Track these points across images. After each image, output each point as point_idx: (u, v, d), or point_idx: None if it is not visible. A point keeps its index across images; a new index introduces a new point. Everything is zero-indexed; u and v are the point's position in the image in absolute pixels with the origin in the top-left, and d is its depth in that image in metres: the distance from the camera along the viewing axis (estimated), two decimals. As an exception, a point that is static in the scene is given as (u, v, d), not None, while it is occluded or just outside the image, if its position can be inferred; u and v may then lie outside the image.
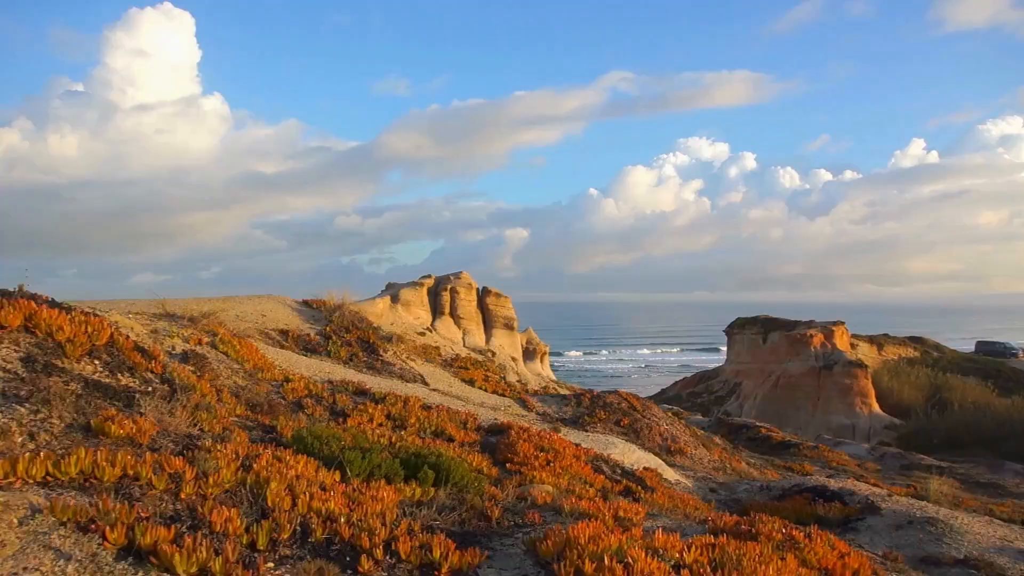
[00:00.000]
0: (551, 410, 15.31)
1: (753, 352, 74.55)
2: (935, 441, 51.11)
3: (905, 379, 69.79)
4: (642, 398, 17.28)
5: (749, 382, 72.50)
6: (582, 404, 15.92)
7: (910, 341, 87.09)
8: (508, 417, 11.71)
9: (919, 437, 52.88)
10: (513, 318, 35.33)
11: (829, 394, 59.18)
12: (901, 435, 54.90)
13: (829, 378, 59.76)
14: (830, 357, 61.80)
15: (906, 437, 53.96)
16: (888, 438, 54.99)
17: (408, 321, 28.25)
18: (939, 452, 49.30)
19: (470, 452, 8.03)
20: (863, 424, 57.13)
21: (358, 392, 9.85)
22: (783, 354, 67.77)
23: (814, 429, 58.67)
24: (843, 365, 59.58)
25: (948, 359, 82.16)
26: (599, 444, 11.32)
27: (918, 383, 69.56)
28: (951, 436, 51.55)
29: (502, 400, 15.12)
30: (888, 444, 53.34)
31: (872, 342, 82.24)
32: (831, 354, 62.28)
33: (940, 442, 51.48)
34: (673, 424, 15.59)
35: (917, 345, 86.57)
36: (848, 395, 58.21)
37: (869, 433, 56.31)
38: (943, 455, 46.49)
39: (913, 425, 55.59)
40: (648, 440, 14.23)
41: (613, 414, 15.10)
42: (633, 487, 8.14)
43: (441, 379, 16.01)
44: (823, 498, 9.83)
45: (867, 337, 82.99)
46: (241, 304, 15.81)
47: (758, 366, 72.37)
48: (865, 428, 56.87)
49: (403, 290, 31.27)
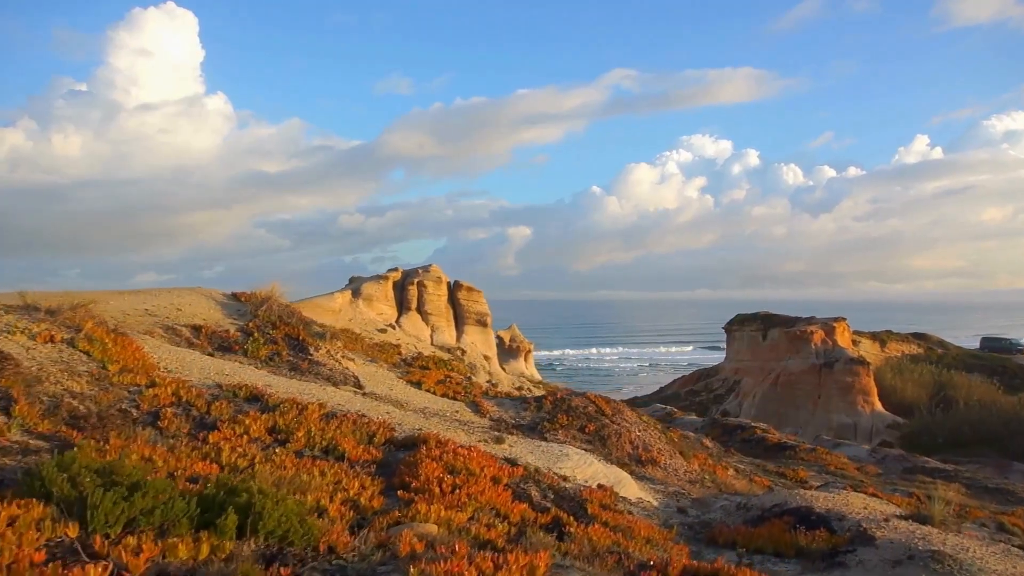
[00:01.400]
0: (507, 415, 13.70)
1: (753, 349, 72.87)
2: (940, 440, 49.42)
3: (908, 376, 68.21)
4: (614, 401, 15.65)
5: (749, 380, 70.81)
6: (543, 408, 14.26)
7: (913, 337, 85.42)
8: (445, 425, 10.13)
9: (923, 436, 51.17)
10: (486, 313, 33.53)
11: (830, 392, 57.41)
12: (904, 434, 53.18)
13: (830, 376, 57.98)
14: (831, 354, 60.02)
15: (909, 436, 52.24)
16: (891, 437, 53.27)
17: (369, 317, 26.61)
18: (944, 452, 47.65)
19: (356, 476, 6.43)
20: (865, 423, 55.37)
21: (251, 398, 8.27)
22: (783, 351, 66.03)
23: (814, 428, 56.97)
24: (844, 362, 57.81)
25: (952, 356, 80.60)
26: (549, 457, 9.72)
27: (922, 380, 68.02)
28: (956, 435, 49.85)
29: (451, 404, 13.51)
30: (890, 444, 51.69)
31: (875, 339, 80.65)
32: (832, 351, 60.51)
33: (945, 441, 49.78)
34: (647, 430, 13.96)
35: (921, 342, 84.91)
36: (849, 393, 56.44)
37: (871, 432, 54.57)
38: (948, 455, 44.82)
39: (917, 424, 53.84)
40: (617, 449, 12.62)
41: (577, 419, 13.47)
42: (564, 517, 6.51)
43: (382, 381, 14.41)
44: (806, 524, 8.19)
45: (869, 334, 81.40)
46: (156, 297, 14.23)
47: (758, 364, 70.69)
48: (867, 427, 55.11)
49: (365, 284, 29.50)
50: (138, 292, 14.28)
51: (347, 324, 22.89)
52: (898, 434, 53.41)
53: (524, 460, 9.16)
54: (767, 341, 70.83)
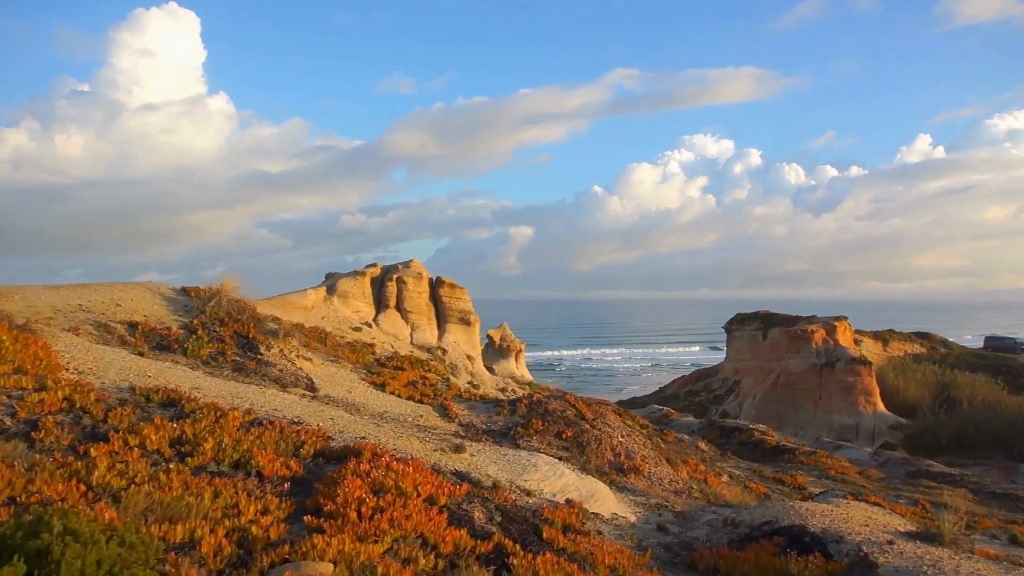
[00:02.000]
0: (478, 420, 12.66)
1: (753, 349, 71.77)
2: (943, 442, 48.30)
3: (911, 376, 67.13)
4: (597, 404, 14.57)
5: (748, 380, 69.71)
6: (517, 412, 13.18)
7: (916, 337, 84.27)
8: (400, 433, 9.10)
9: (926, 437, 50.07)
10: (469, 311, 32.32)
11: (831, 392, 56.28)
12: (907, 435, 52.07)
13: (831, 376, 56.85)
14: (832, 354, 58.89)
15: (912, 437, 51.13)
16: (893, 439, 52.15)
17: (344, 315, 25.54)
18: (948, 453, 46.55)
19: (261, 497, 5.42)
20: (867, 424, 54.25)
21: (166, 403, 7.28)
22: (783, 351, 64.92)
23: (815, 429, 55.87)
24: (846, 362, 56.69)
25: (956, 355, 79.50)
26: (514, 467, 8.72)
27: (924, 380, 66.96)
28: (960, 436, 48.73)
29: (416, 408, 12.47)
30: (893, 446, 50.61)
31: (877, 338, 79.54)
32: (833, 350, 59.39)
33: (949, 443, 48.67)
34: (630, 435, 12.90)
35: (924, 341, 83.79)
36: (851, 393, 55.31)
37: (873, 433, 53.47)
38: (952, 456, 43.73)
39: (920, 425, 52.72)
40: (596, 456, 11.59)
41: (553, 425, 12.43)
42: (509, 546, 5.49)
43: (341, 383, 13.37)
44: (799, 547, 7.17)
45: (871, 333, 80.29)
46: (95, 292, 13.21)
47: (758, 363, 69.60)
48: (869, 428, 54.00)
49: (341, 280, 28.35)
50: (76, 287, 13.24)
51: (319, 322, 21.88)
52: (901, 435, 52.31)
53: (484, 472, 8.15)
54: (767, 341, 69.73)
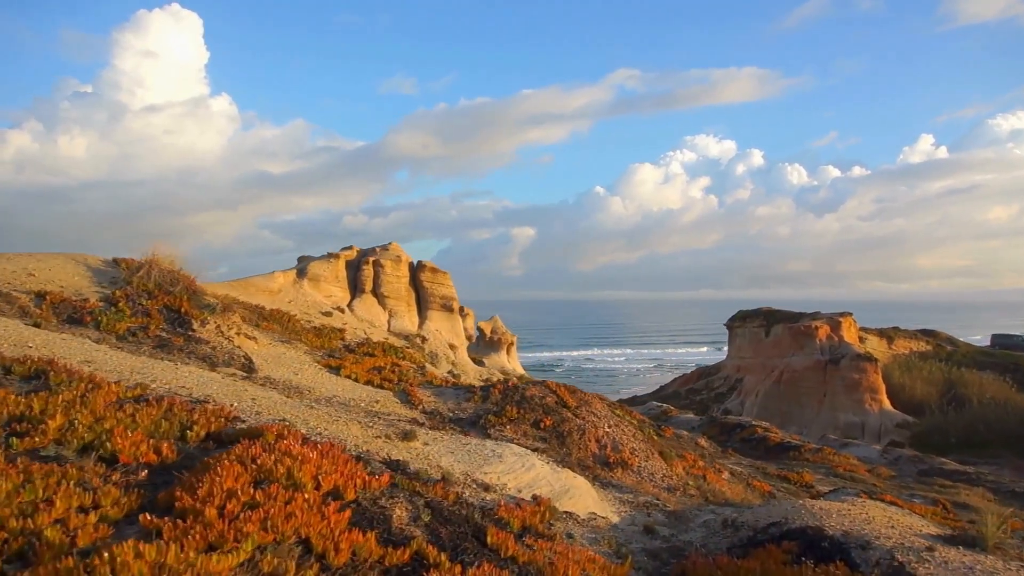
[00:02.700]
0: (445, 407, 11.23)
1: (755, 346, 70.30)
2: (952, 440, 46.79)
3: (917, 374, 65.69)
4: (583, 391, 13.11)
5: (751, 378, 68.22)
6: (490, 399, 11.72)
7: (922, 334, 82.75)
8: (338, 417, 7.69)
9: (934, 436, 48.56)
10: (452, 298, 30.69)
11: (836, 390, 54.80)
12: (915, 434, 50.57)
13: (836, 373, 55.37)
14: (837, 350, 57.43)
15: (920, 436, 49.63)
16: (901, 437, 50.64)
17: (315, 299, 24.02)
18: (957, 452, 45.09)
19: (97, 488, 4.02)
20: (873, 422, 52.74)
21: (33, 376, 5.91)
22: (786, 348, 63.45)
23: (819, 427, 54.39)
24: (851, 359, 55.19)
25: (962, 353, 78.11)
26: (474, 458, 7.32)
27: (931, 378, 65.59)
28: (970, 435, 47.22)
29: (373, 393, 11.04)
30: (900, 444, 49.09)
31: (882, 335, 78.04)
32: (838, 347, 57.91)
33: (958, 441, 47.19)
34: (618, 426, 11.45)
35: (929, 339, 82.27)
36: (856, 391, 53.81)
37: (880, 431, 51.96)
38: (962, 455, 42.29)
39: (928, 423, 51.21)
40: (578, 448, 10.17)
41: (531, 412, 10.97)
42: (432, 555, 4.09)
43: (289, 365, 11.93)
44: (816, 553, 5.74)
45: (876, 330, 78.76)
46: (7, 261, 11.71)
47: (760, 361, 68.13)
48: (875, 426, 52.49)
49: (313, 263, 26.79)
50: (-12, 255, 11.91)
51: (285, 306, 20.46)
52: (908, 434, 50.79)
53: (434, 463, 6.74)
54: (770, 337, 68.25)
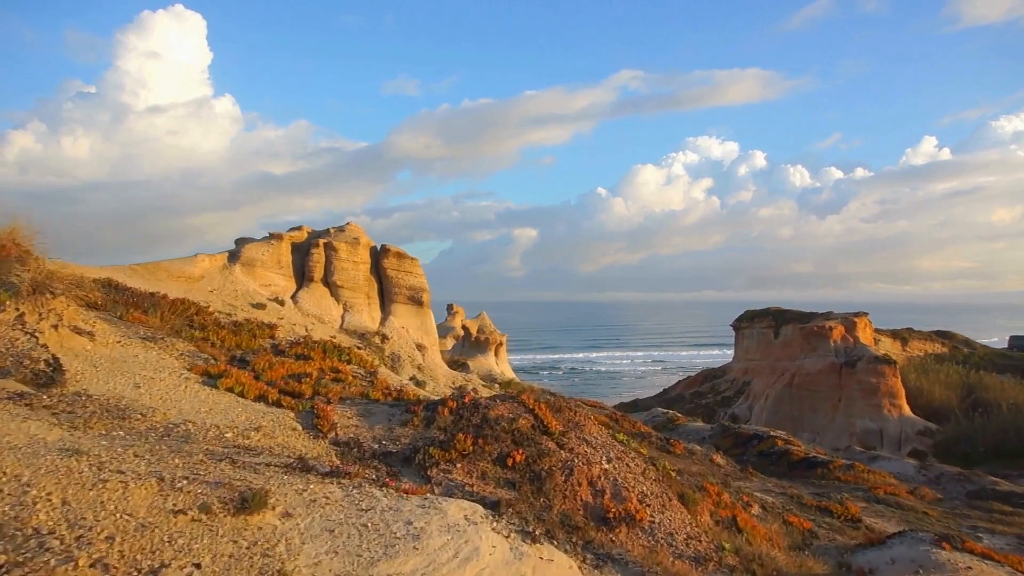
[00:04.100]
0: (371, 434, 7.99)
1: (763, 348, 67.02)
2: (981, 450, 43.45)
3: (935, 377, 62.38)
4: (573, 406, 9.65)
5: (759, 381, 64.92)
6: (436, 422, 8.47)
7: (937, 336, 79.39)
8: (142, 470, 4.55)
9: (960, 445, 45.21)
10: (422, 288, 26.71)
11: (852, 394, 51.46)
12: (938, 442, 47.23)
13: (852, 376, 52.02)
14: (852, 352, 54.07)
15: (944, 444, 46.31)
16: (923, 445, 47.30)
17: (247, 288, 20.61)
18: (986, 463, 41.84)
19: None
20: (892, 429, 49.40)
21: None
22: (797, 349, 60.14)
23: (834, 434, 51.08)
24: (868, 361, 51.83)
25: (980, 355, 74.78)
26: (369, 542, 4.18)
27: (949, 381, 62.30)
28: (999, 444, 43.82)
29: (261, 417, 7.69)
30: (923, 453, 45.77)
31: (895, 337, 74.69)
32: (853, 349, 54.57)
33: (986, 451, 43.86)
34: (622, 459, 8.15)
35: (945, 340, 78.89)
36: (875, 395, 50.47)
37: (900, 439, 48.63)
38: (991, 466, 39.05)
39: (952, 430, 47.84)
40: (563, 497, 6.93)
41: (494, 442, 7.69)
42: None
43: (134, 372, 8.69)
44: None
45: (889, 332, 75.46)
46: None
47: (769, 363, 64.86)
48: (895, 433, 49.14)
49: (249, 246, 23.04)
50: None
51: (206, 296, 17.29)
52: (931, 442, 47.49)
53: (278, 559, 3.50)
54: (780, 338, 65.00)
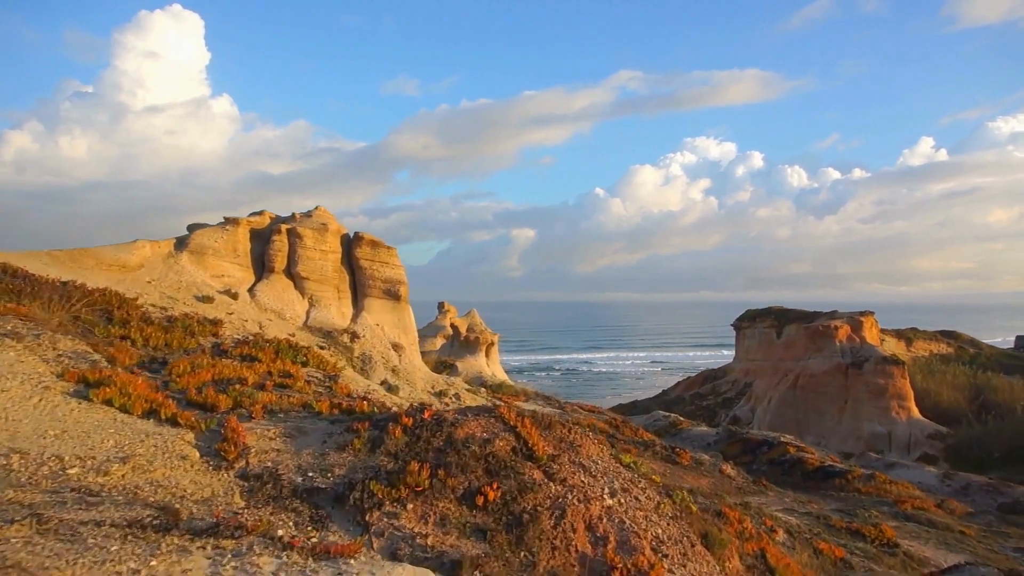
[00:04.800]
0: (296, 462, 6.11)
1: (766, 348, 65.32)
2: (995, 455, 41.79)
3: (941, 378, 60.81)
4: (566, 423, 7.38)
5: (761, 382, 63.21)
6: (384, 446, 6.52)
7: (942, 336, 77.80)
8: None
9: (973, 449, 43.51)
10: (400, 281, 24.33)
11: (859, 396, 49.73)
12: (949, 446, 45.54)
13: (859, 377, 50.31)
14: (859, 352, 52.36)
15: (956, 449, 44.60)
16: (933, 450, 45.59)
17: (195, 279, 18.69)
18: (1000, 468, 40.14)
19: None
20: (901, 432, 47.68)
21: None
22: (801, 349, 58.45)
23: (841, 437, 49.37)
24: (876, 362, 50.14)
25: (986, 356, 73.27)
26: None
27: (956, 383, 60.72)
28: (1014, 448, 42.14)
29: (140, 443, 5.91)
30: (934, 458, 44.05)
31: (900, 337, 73.11)
32: (860, 349, 52.86)
33: (1001, 456, 42.19)
34: (631, 490, 6.26)
35: (951, 340, 77.29)
36: (882, 398, 48.78)
37: (909, 443, 46.92)
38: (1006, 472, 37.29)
39: (964, 434, 46.14)
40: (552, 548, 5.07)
41: (458, 474, 5.72)
42: None
43: None
44: None
45: (894, 331, 73.89)
46: None
47: (771, 364, 63.16)
48: (904, 437, 47.43)
49: (200, 232, 20.92)
50: None
51: (143, 286, 15.49)
52: (942, 446, 45.79)
53: None
54: (782, 338, 63.31)
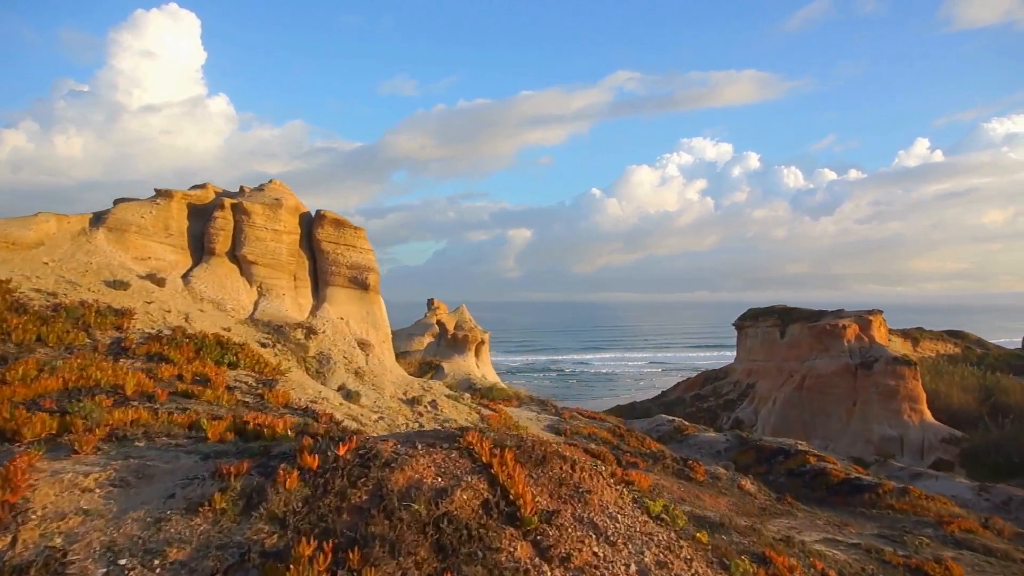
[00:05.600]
0: (111, 534, 3.69)
1: (769, 348, 63.14)
2: (1016, 460, 39.58)
3: (951, 380, 58.69)
4: (564, 456, 5.14)
5: (764, 383, 61.03)
6: (266, 503, 3.85)
7: (949, 336, 75.80)
8: None
9: (991, 454, 41.28)
10: (369, 268, 21.21)
11: (869, 398, 47.55)
12: (964, 450, 43.35)
13: (868, 378, 48.13)
14: (868, 353, 50.19)
15: (973, 454, 42.40)
16: (948, 455, 43.39)
17: (112, 261, 16.16)
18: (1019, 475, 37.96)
19: None
20: (914, 436, 45.48)
21: None
22: (807, 349, 56.28)
23: (849, 441, 47.17)
24: (886, 362, 47.95)
25: (995, 356, 71.28)
26: None
27: (966, 384, 58.63)
28: (1035, 453, 39.97)
29: None
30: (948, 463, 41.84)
31: (906, 337, 71.04)
32: (869, 349, 50.68)
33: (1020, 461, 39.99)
34: (670, 567, 4.03)
35: (958, 340, 75.27)
36: (893, 400, 46.59)
37: (922, 447, 44.72)
38: (1028, 479, 35.18)
39: (981, 438, 43.93)
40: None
41: (387, 557, 3.31)
42: None
43: None
44: None
45: (900, 331, 71.84)
46: None
47: (775, 364, 60.98)
48: (917, 441, 45.23)
49: (124, 206, 18.19)
50: None
51: (37, 268, 13.21)
52: (957, 450, 43.60)
53: None
54: (786, 338, 61.13)
